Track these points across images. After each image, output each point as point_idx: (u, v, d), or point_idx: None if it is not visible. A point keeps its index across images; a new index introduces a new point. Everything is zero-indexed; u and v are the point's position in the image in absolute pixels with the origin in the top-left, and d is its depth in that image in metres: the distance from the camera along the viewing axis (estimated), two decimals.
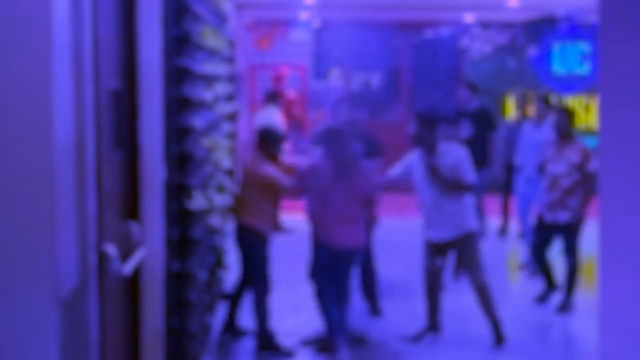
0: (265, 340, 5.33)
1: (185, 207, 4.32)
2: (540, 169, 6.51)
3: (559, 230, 6.27)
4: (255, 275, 5.36)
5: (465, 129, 8.31)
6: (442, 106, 11.20)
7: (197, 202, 4.48)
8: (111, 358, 2.98)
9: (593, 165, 6.17)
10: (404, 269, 7.26)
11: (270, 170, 5.34)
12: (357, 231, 5.26)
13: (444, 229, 5.46)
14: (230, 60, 6.73)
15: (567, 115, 6.34)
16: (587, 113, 11.69)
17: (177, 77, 4.18)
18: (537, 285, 6.75)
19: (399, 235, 8.42)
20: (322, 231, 5.24)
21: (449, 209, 5.41)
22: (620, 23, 1.98)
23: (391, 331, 5.82)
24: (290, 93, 10.77)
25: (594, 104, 11.73)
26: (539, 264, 6.46)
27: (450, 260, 6.05)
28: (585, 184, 6.16)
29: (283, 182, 5.32)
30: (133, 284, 3.61)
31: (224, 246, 6.12)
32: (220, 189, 5.74)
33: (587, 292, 6.58)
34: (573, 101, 11.62)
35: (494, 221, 8.99)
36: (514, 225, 8.79)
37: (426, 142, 5.43)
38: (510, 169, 8.32)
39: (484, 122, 8.45)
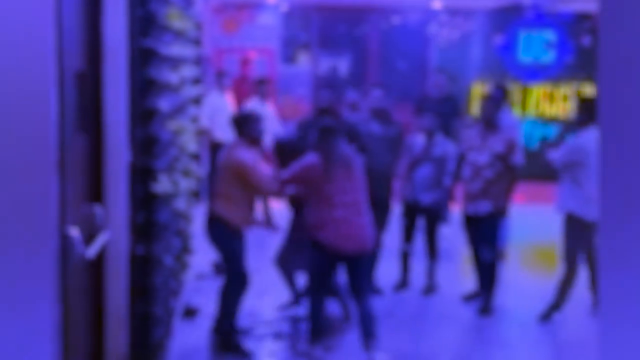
0: (225, 339, 5.08)
1: (150, 191, 4.28)
2: (461, 157, 6.09)
3: (479, 222, 5.94)
4: (228, 269, 5.10)
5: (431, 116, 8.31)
6: (410, 92, 11.24)
7: (162, 185, 4.44)
8: (75, 343, 2.96)
9: (517, 157, 6.03)
10: None
11: (246, 155, 4.99)
12: (365, 233, 4.93)
13: (590, 206, 5.51)
14: (196, 42, 6.67)
15: (492, 102, 5.90)
16: (552, 101, 11.82)
17: (142, 58, 4.12)
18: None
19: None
20: (323, 234, 4.87)
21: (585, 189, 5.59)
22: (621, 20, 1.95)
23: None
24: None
25: (558, 92, 11.88)
26: (474, 262, 6.10)
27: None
28: (508, 176, 5.85)
29: (265, 184, 4.99)
30: (97, 268, 3.57)
31: (190, 230, 6.08)
32: (186, 173, 5.70)
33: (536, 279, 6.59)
34: (538, 89, 11.76)
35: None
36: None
37: (585, 126, 5.55)
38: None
39: (451, 109, 8.47)
